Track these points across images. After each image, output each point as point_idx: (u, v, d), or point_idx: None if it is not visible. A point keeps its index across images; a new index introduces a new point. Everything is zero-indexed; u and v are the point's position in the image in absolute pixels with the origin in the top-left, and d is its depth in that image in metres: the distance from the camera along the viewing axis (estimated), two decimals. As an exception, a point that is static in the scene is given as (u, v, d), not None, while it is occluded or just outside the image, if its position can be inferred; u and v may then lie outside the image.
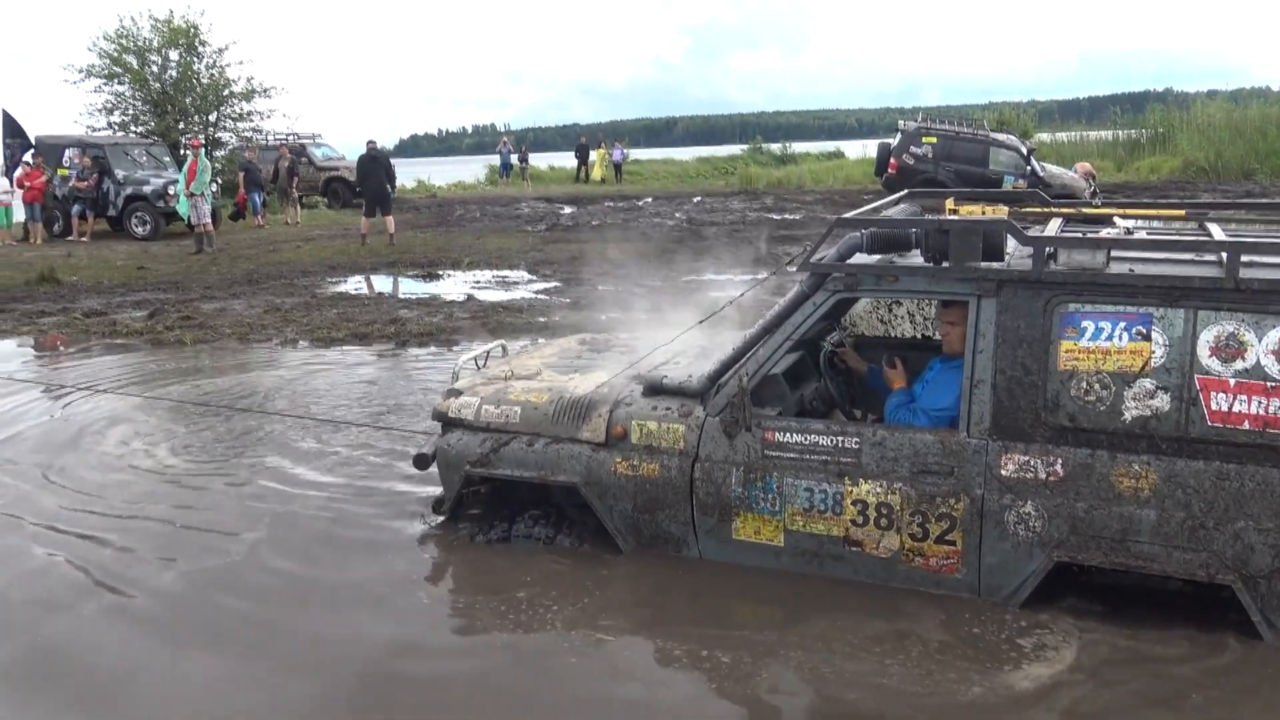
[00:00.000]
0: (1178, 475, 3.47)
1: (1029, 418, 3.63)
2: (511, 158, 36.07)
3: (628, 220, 21.07)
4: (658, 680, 3.50)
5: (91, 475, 5.72)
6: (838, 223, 4.04)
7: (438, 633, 3.91)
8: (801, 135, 69.15)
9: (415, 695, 3.44)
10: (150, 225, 19.31)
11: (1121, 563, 3.56)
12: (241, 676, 3.58)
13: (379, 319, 10.42)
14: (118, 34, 24.06)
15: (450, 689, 3.47)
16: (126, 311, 11.35)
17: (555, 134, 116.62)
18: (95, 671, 3.66)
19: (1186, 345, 3.43)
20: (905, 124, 22.18)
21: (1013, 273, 3.65)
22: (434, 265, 14.71)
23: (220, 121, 25.40)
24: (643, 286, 11.86)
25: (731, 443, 3.99)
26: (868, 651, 3.57)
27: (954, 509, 3.70)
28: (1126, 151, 29.59)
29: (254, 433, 6.48)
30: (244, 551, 4.59)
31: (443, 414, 4.58)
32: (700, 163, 40.88)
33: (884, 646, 3.59)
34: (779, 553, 3.99)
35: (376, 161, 17.54)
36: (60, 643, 3.85)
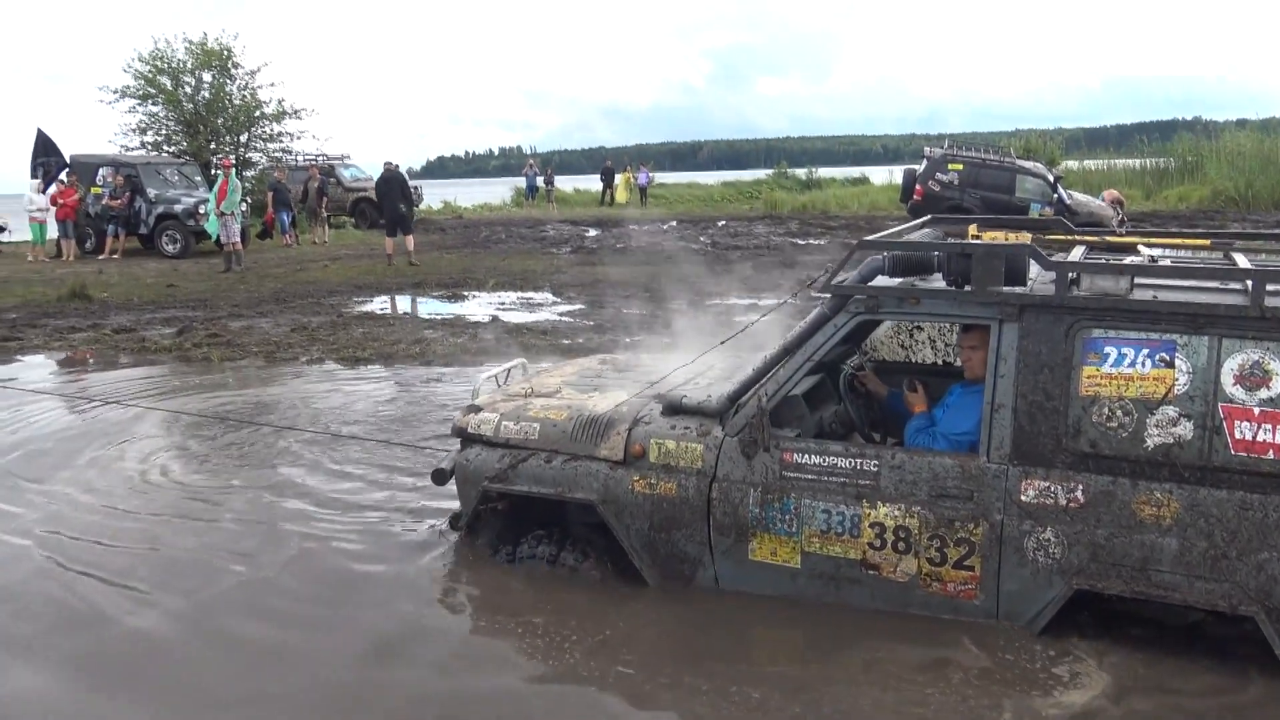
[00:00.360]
0: (1200, 504, 3.43)
1: (1050, 443, 3.60)
2: (537, 180, 36.36)
3: (652, 243, 21.11)
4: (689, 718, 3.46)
5: (111, 488, 5.79)
6: (860, 245, 4.03)
7: (460, 659, 3.89)
8: (827, 160, 69.19)
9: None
10: (180, 243, 19.59)
11: (1142, 592, 3.51)
12: (255, 697, 3.59)
13: (404, 339, 10.49)
14: (153, 56, 24.49)
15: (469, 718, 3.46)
16: (155, 328, 11.48)
17: (580, 157, 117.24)
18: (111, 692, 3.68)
19: (1210, 373, 3.40)
20: (931, 150, 22.15)
21: (1035, 297, 3.63)
22: (459, 286, 14.81)
23: (251, 142, 25.75)
24: (666, 309, 11.88)
25: (749, 463, 3.98)
26: (903, 681, 3.53)
27: (973, 534, 3.68)
28: (1154, 180, 29.44)
29: (274, 448, 6.54)
30: (256, 571, 4.60)
31: (462, 429, 4.59)
32: (725, 187, 40.99)
33: (922, 676, 3.54)
34: (795, 574, 3.97)
35: (390, 183, 17.73)
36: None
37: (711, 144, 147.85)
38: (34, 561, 4.76)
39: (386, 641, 3.93)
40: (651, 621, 4.06)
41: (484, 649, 3.97)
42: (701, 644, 3.87)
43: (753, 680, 3.60)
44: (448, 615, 4.29)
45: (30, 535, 5.07)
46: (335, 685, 3.65)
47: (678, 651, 3.83)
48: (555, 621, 4.03)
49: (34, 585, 4.51)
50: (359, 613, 4.19)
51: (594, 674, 3.69)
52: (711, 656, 3.78)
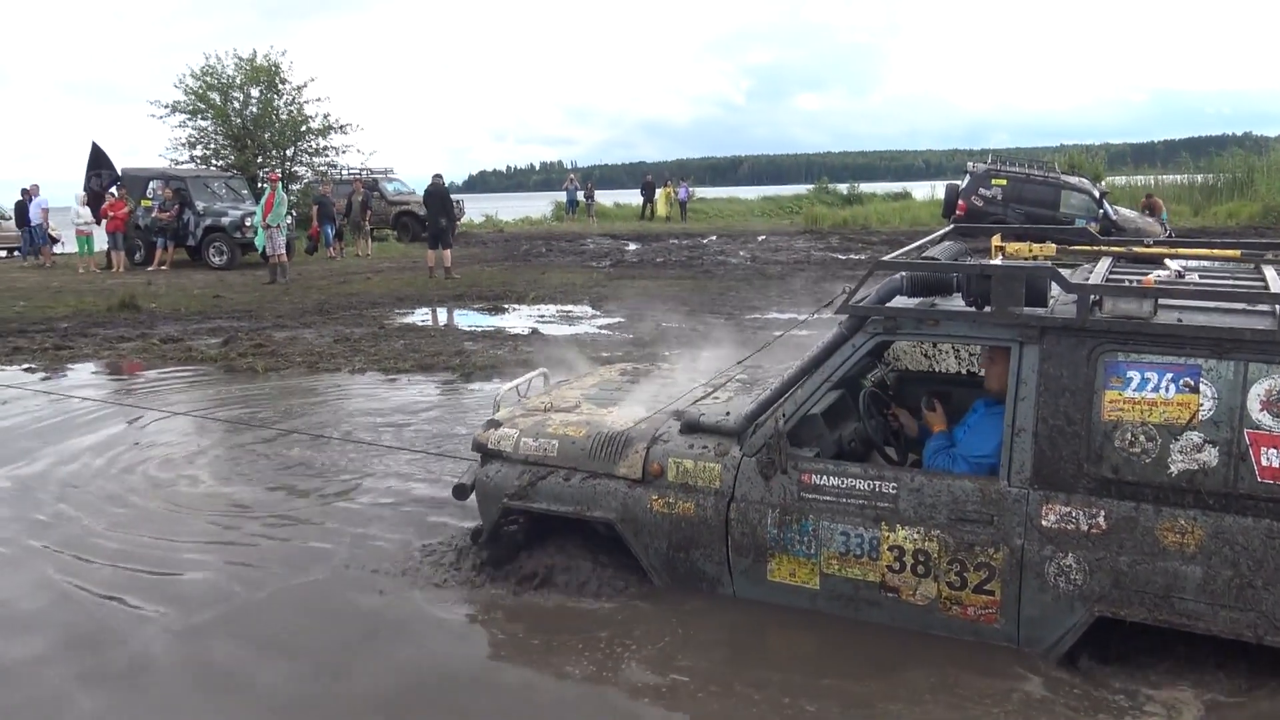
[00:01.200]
0: (1225, 532, 3.36)
1: (1071, 468, 3.54)
2: (578, 194, 36.54)
3: (692, 258, 21.12)
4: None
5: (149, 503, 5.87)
6: (877, 265, 4.01)
7: (503, 672, 3.91)
8: (868, 176, 68.81)
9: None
10: (227, 255, 19.92)
11: (1165, 620, 3.45)
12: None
13: (444, 350, 10.56)
14: (204, 71, 24.98)
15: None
16: (202, 338, 11.66)
17: (621, 171, 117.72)
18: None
19: (1236, 398, 3.33)
20: (974, 165, 21.94)
21: (1056, 320, 3.58)
22: (499, 299, 14.88)
23: (297, 156, 26.18)
24: (705, 324, 11.86)
25: (767, 484, 3.96)
26: (970, 703, 3.48)
27: (993, 558, 3.63)
28: (1203, 196, 28.93)
29: (310, 458, 6.62)
30: (285, 585, 4.61)
31: (482, 445, 4.61)
32: (765, 202, 40.92)
33: (993, 703, 3.49)
34: (814, 596, 3.95)
35: (433, 196, 17.93)
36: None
37: (751, 159, 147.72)
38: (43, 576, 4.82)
39: (419, 654, 3.95)
40: (706, 629, 4.04)
41: (531, 660, 3.95)
42: (755, 653, 3.86)
43: (808, 693, 3.57)
44: (481, 629, 4.26)
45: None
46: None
47: (732, 659, 3.82)
48: (617, 630, 4.03)
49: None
50: (380, 627, 4.22)
51: (647, 683, 3.69)
52: (765, 665, 3.76)
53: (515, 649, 4.04)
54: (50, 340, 11.51)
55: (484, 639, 4.17)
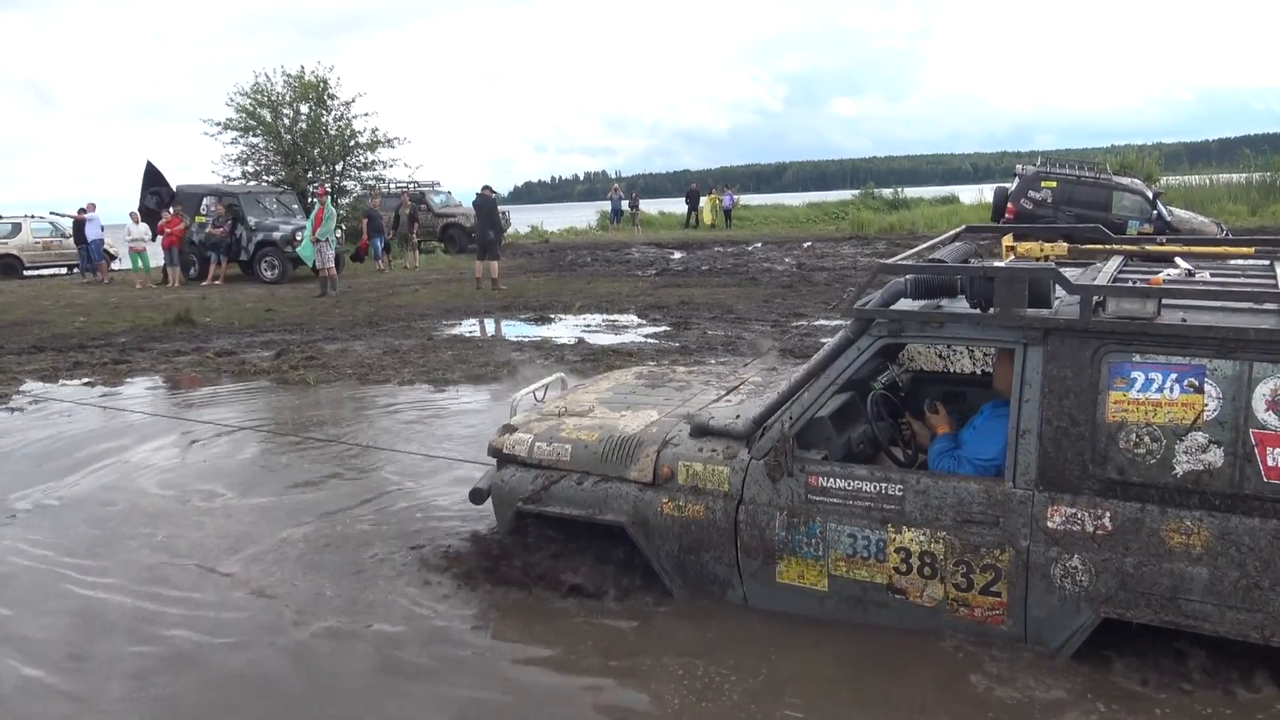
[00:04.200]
0: (1232, 533, 3.34)
1: (1076, 469, 3.54)
2: (622, 204, 36.68)
3: (737, 265, 21.07)
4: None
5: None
6: (881, 269, 4.02)
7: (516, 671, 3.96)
8: (914, 180, 68.19)
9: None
10: (279, 269, 20.26)
11: (1172, 621, 3.43)
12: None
13: (492, 361, 10.63)
14: (253, 89, 25.45)
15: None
16: (255, 351, 11.87)
17: (665, 180, 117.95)
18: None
19: (1242, 399, 3.31)
20: (1024, 168, 21.64)
21: (1059, 321, 3.57)
22: (546, 309, 14.96)
23: (346, 170, 26.57)
24: (752, 331, 11.81)
25: (775, 486, 3.99)
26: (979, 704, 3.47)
27: (999, 560, 3.63)
28: (1261, 195, 28.24)
29: (362, 467, 6.77)
30: (317, 600, 4.66)
31: (497, 450, 4.69)
32: (810, 208, 40.69)
33: (992, 701, 3.48)
34: (823, 598, 3.98)
35: (480, 208, 18.09)
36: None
37: (796, 165, 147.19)
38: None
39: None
40: (717, 628, 4.08)
41: (544, 661, 4.01)
42: (771, 656, 3.89)
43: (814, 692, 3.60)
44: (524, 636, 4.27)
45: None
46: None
47: (746, 660, 3.87)
48: (632, 632, 4.10)
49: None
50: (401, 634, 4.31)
51: (655, 680, 3.78)
52: (781, 668, 3.80)
53: (530, 650, 4.09)
54: (109, 355, 11.81)
55: (498, 638, 4.23)
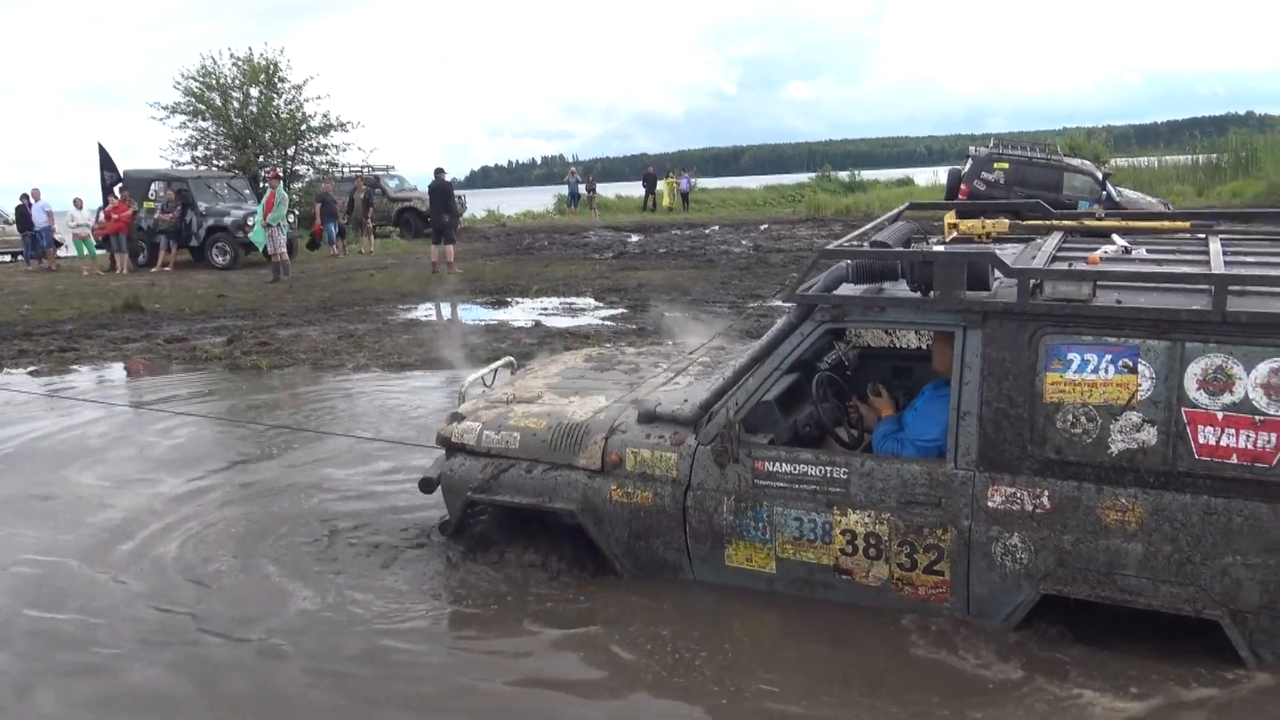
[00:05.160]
0: (1165, 509, 3.42)
1: (1015, 450, 3.60)
2: (579, 187, 36.53)
3: (695, 248, 21.10)
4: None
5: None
6: (823, 254, 4.06)
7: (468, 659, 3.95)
8: (870, 163, 68.57)
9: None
10: (230, 255, 19.95)
11: (1108, 596, 3.52)
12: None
13: (448, 345, 10.56)
14: (201, 73, 24.98)
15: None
16: (206, 338, 11.70)
17: (623, 164, 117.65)
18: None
19: (1174, 378, 3.38)
20: (976, 150, 21.84)
21: (998, 304, 3.62)
22: (503, 292, 14.88)
23: (298, 155, 26.19)
24: (709, 313, 11.84)
25: (722, 472, 4.02)
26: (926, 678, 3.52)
27: (941, 540, 3.69)
28: (1207, 176, 28.76)
29: (314, 453, 6.71)
30: (262, 589, 4.61)
31: (446, 439, 4.66)
32: (767, 191, 40.79)
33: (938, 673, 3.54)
34: (771, 580, 4.02)
35: (435, 191, 17.91)
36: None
37: (753, 149, 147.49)
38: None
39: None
40: (668, 611, 4.10)
41: (496, 650, 4.02)
42: (717, 632, 3.92)
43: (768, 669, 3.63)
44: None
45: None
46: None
47: (695, 638, 3.90)
48: (581, 617, 4.10)
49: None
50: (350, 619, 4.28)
51: (609, 665, 3.79)
52: (727, 644, 3.84)
53: (487, 633, 4.10)
54: (55, 343, 11.57)
55: (458, 624, 4.23)
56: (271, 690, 3.73)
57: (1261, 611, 3.32)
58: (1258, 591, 3.31)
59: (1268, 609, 3.31)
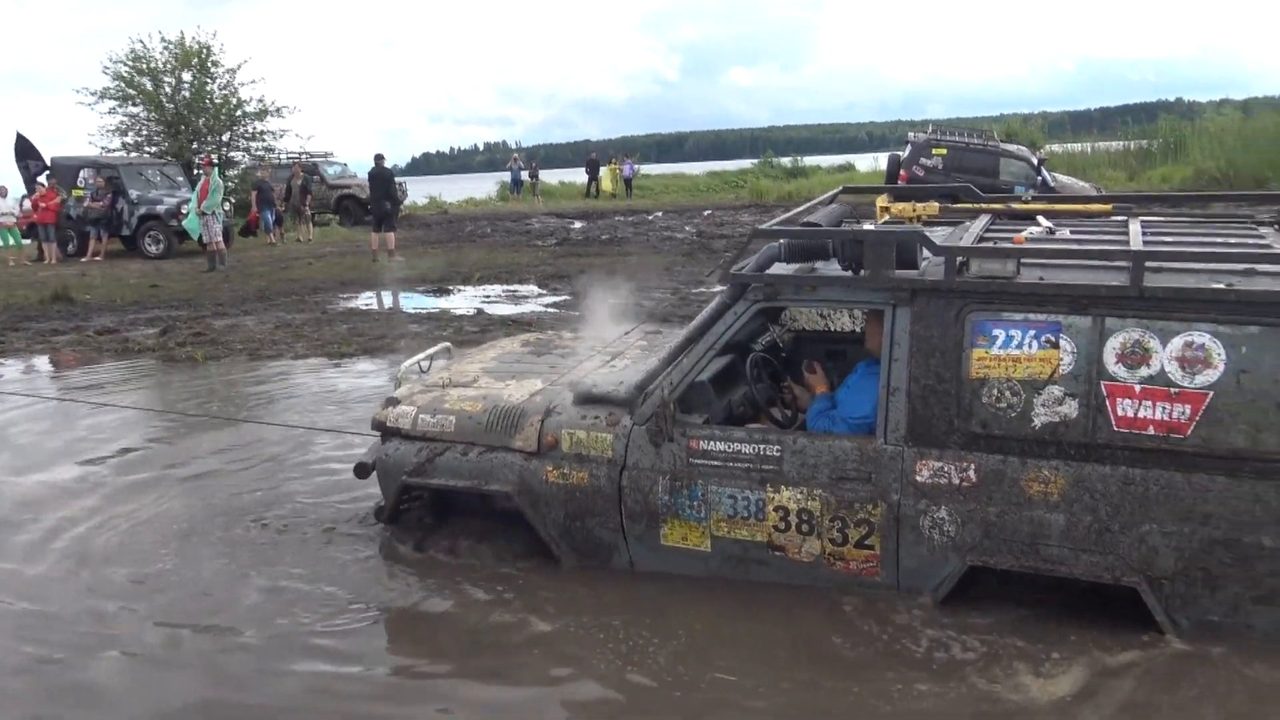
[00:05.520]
0: (1085, 480, 3.51)
1: (943, 425, 3.67)
2: (522, 174, 36.29)
3: (638, 234, 21.13)
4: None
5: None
6: (755, 233, 4.09)
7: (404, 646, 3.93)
8: (812, 149, 69.15)
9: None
10: (164, 244, 19.52)
11: (1032, 566, 3.60)
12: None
13: (389, 334, 10.48)
14: (129, 57, 24.34)
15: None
16: (139, 329, 11.45)
17: (566, 150, 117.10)
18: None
19: (1094, 352, 3.47)
20: (915, 136, 22.14)
21: (925, 282, 3.69)
22: (445, 280, 14.77)
23: (233, 141, 25.65)
24: (653, 299, 11.86)
25: (657, 451, 4.04)
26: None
27: (872, 514, 3.75)
28: (1138, 161, 29.49)
29: (249, 443, 6.62)
30: (201, 578, 4.55)
31: (381, 423, 4.63)
32: (710, 177, 40.93)
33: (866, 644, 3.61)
34: (707, 558, 4.05)
35: (375, 179, 17.70)
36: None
37: (696, 135, 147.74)
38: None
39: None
40: (604, 592, 4.13)
41: (426, 636, 4.00)
42: (653, 613, 3.94)
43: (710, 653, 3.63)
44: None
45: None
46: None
47: (631, 620, 3.92)
48: (516, 601, 4.10)
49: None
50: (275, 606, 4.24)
51: (547, 649, 3.79)
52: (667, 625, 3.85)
53: (423, 631, 4.06)
54: (-20, 335, 11.19)
55: (375, 608, 4.18)
56: (215, 685, 3.65)
57: (1176, 577, 3.43)
58: (1173, 558, 3.41)
59: (1182, 575, 3.42)
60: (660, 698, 3.46)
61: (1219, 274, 3.50)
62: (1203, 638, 3.46)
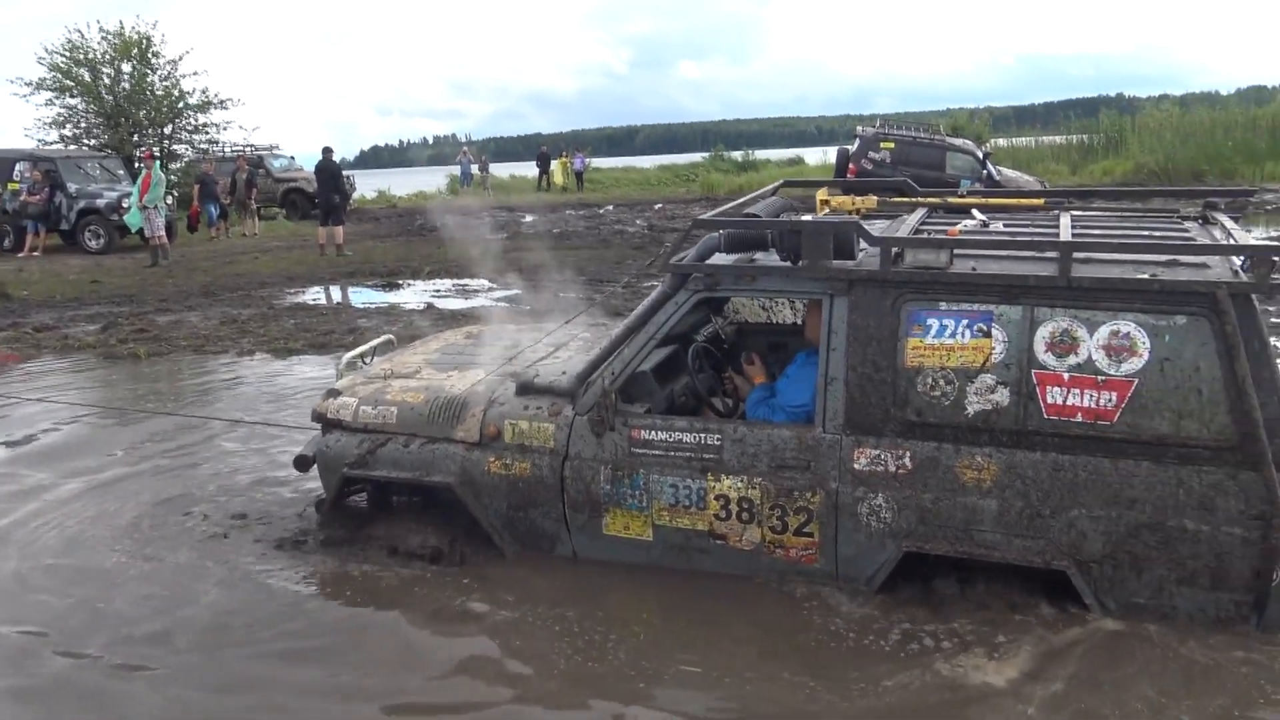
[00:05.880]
0: (1017, 466, 3.59)
1: (879, 413, 3.73)
2: (472, 167, 36.02)
3: (589, 228, 21.10)
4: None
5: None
6: (696, 224, 4.12)
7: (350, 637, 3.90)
8: (762, 143, 69.56)
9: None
10: (104, 239, 19.07)
11: (966, 551, 3.67)
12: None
13: (337, 329, 10.38)
14: (66, 47, 23.75)
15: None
16: (79, 325, 11.22)
17: (517, 143, 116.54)
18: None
19: (1024, 341, 3.55)
20: (863, 130, 22.41)
21: (862, 272, 3.75)
22: (394, 275, 14.65)
23: (175, 133, 25.13)
24: (603, 292, 11.88)
25: (599, 441, 4.06)
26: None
27: (810, 502, 3.81)
28: (1080, 155, 30.10)
29: (193, 440, 6.53)
30: (140, 576, 4.50)
31: (321, 415, 4.61)
32: (662, 170, 40.94)
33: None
34: (649, 547, 4.08)
35: (322, 172, 17.49)
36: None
37: (648, 128, 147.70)
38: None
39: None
40: (547, 584, 4.13)
41: (374, 627, 3.98)
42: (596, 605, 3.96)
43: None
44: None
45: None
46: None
47: (575, 611, 3.94)
48: (459, 591, 4.11)
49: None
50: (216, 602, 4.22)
51: (492, 639, 3.80)
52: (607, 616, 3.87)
53: (359, 615, 4.05)
54: (-89, 333, 10.89)
55: (329, 606, 4.16)
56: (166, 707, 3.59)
57: (1104, 561, 3.53)
58: (1101, 542, 3.51)
59: (1110, 558, 3.52)
60: (626, 691, 3.46)
61: (1144, 265, 3.59)
62: (1133, 618, 3.55)
